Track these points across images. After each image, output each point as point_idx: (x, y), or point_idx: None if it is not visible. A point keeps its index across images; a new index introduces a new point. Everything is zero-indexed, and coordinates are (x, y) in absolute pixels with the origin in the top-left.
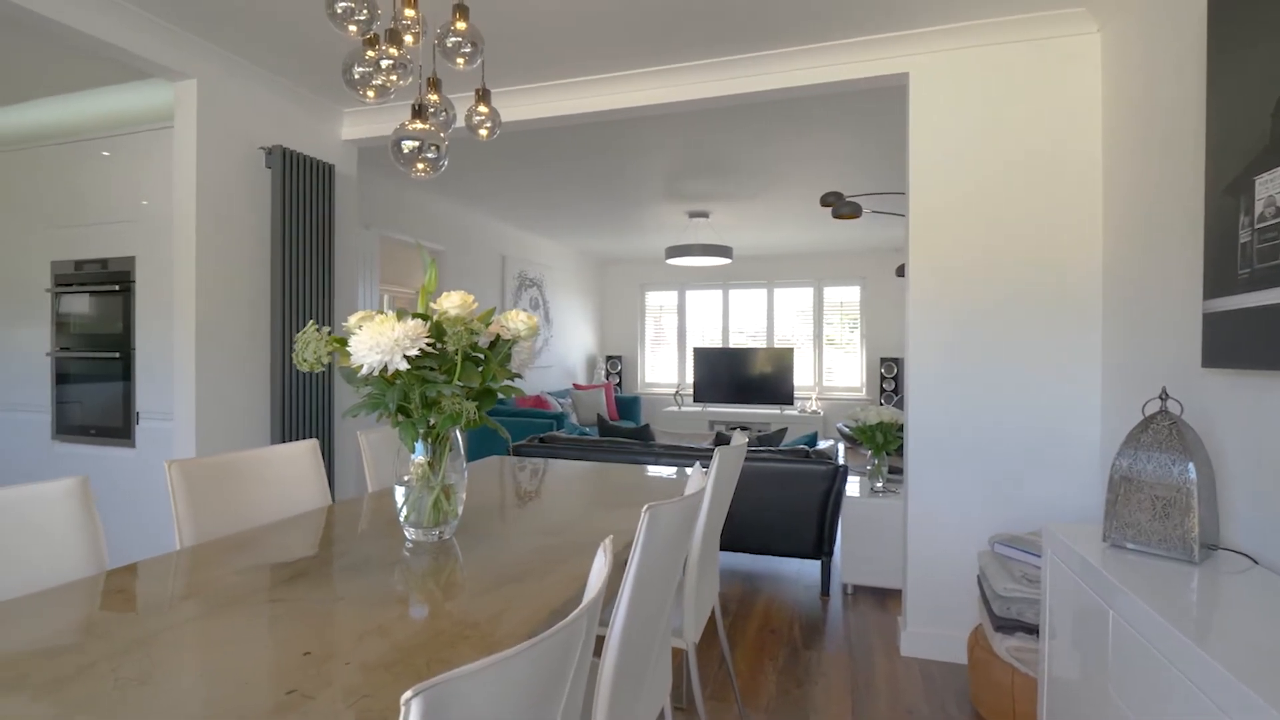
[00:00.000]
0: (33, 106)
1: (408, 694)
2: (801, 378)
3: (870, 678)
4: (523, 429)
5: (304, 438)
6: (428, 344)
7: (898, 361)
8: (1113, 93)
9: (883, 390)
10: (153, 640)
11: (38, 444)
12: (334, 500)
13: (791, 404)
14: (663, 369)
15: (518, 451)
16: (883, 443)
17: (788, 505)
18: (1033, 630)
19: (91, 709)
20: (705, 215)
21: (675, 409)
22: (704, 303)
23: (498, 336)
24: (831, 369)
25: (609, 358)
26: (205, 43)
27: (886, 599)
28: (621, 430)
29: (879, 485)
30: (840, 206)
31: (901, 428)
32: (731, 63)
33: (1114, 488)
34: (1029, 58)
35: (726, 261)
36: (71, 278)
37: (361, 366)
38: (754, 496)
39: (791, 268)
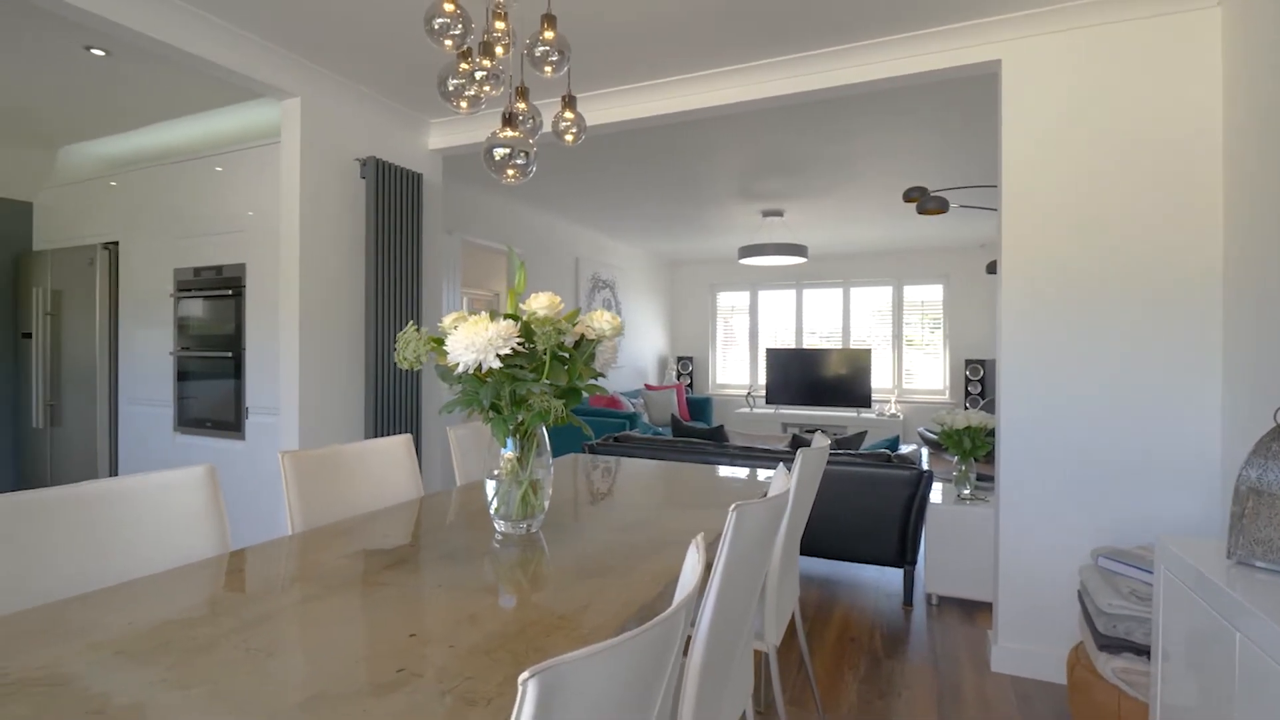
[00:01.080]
0: (158, 129)
1: (525, 674)
2: (879, 380)
3: (958, 693)
4: (597, 428)
5: (395, 433)
6: (518, 343)
7: (984, 363)
8: (1236, 71)
9: (968, 394)
10: (275, 616)
11: (162, 435)
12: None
13: (869, 407)
14: (734, 370)
15: (592, 450)
16: (970, 448)
17: (869, 511)
18: (1142, 651)
19: (225, 676)
20: (779, 214)
21: (747, 410)
22: (777, 303)
23: (582, 336)
24: (911, 371)
25: (680, 358)
26: (309, 63)
27: (975, 611)
28: (695, 431)
29: (966, 492)
30: (925, 202)
31: (991, 432)
32: (810, 58)
33: (1240, 500)
34: (1136, 37)
35: (801, 261)
36: (191, 283)
37: (458, 365)
38: (833, 501)
39: (869, 266)
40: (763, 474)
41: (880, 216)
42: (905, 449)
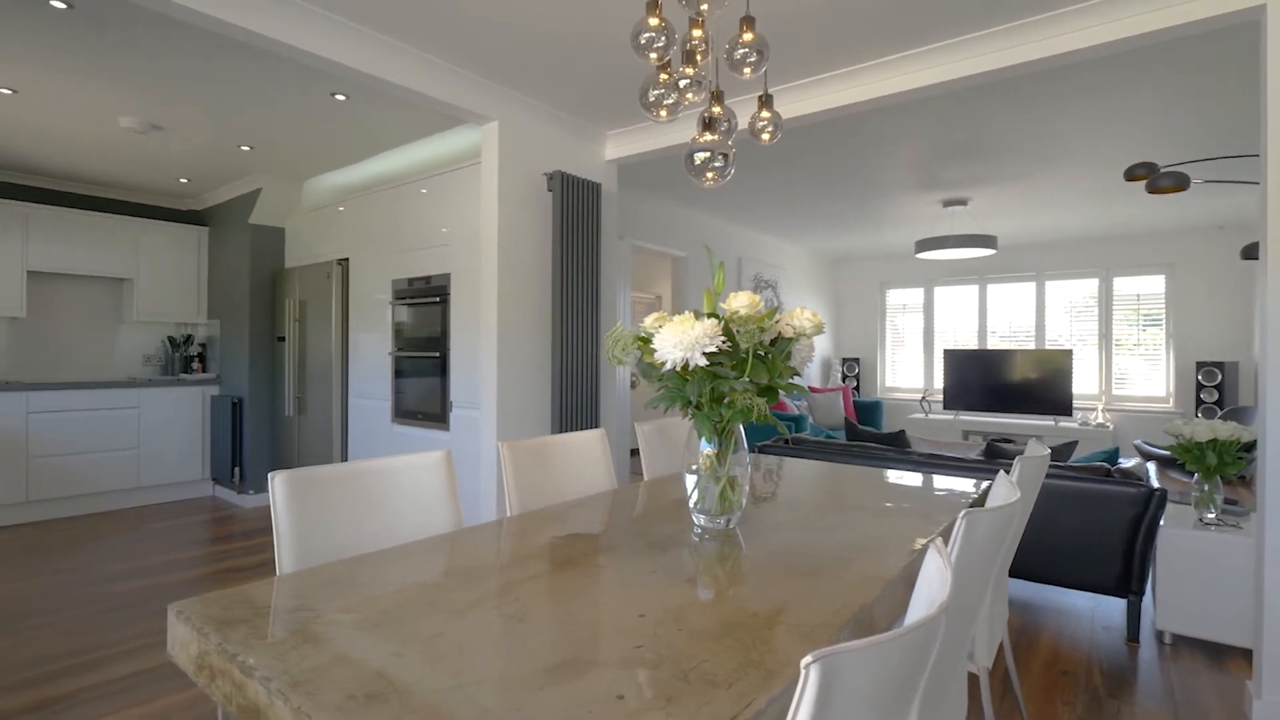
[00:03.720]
0: (376, 160)
1: (807, 659)
2: (1081, 385)
3: None
4: (765, 430)
5: (576, 428)
6: (721, 342)
7: (1221, 366)
8: None
9: (1200, 402)
10: (517, 587)
11: (381, 425)
12: None
13: (1070, 415)
14: (905, 373)
15: (763, 450)
16: (1217, 465)
17: (1083, 531)
18: None
19: (488, 636)
20: (963, 203)
21: (922, 416)
22: (954, 300)
23: (778, 334)
24: (1126, 375)
25: (845, 360)
26: (505, 89)
27: (1224, 656)
28: (873, 435)
29: (1211, 516)
30: (1158, 179)
31: (1247, 446)
32: (1024, 26)
33: None
34: None
35: (990, 252)
36: (405, 292)
37: (664, 362)
38: (1041, 517)
39: (1069, 256)
40: (944, 482)
41: (1083, 199)
42: (1126, 463)
